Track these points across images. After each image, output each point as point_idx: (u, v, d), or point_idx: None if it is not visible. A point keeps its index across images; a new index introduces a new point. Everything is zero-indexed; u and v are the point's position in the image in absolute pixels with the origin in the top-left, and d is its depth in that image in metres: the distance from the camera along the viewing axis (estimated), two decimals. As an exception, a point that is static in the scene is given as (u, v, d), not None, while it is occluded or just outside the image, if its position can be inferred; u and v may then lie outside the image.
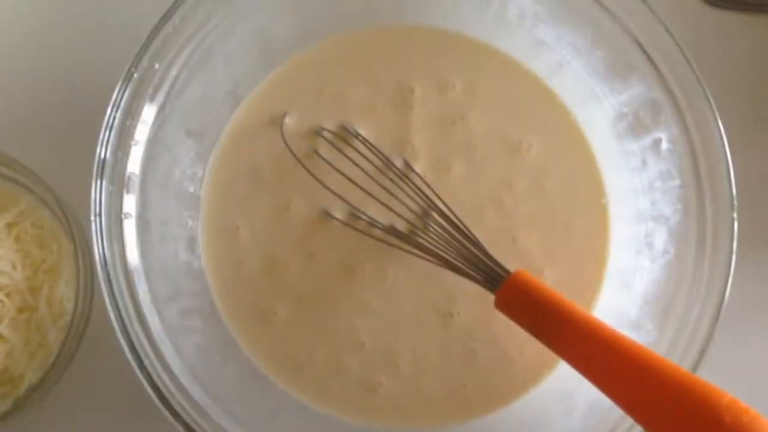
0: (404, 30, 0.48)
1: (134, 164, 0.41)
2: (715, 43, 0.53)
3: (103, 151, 0.40)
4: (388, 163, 0.47)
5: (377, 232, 0.46)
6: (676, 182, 0.44)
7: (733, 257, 0.41)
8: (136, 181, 0.41)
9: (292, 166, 0.47)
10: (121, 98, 0.41)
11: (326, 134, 0.47)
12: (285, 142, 0.47)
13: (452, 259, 0.43)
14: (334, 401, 0.45)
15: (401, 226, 0.46)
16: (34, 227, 0.47)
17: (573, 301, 0.39)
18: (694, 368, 0.40)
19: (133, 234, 0.41)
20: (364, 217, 0.46)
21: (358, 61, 0.48)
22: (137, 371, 0.38)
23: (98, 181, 0.40)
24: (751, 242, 0.44)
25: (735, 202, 0.41)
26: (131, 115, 0.41)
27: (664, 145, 0.44)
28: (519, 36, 0.48)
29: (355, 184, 0.46)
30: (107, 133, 0.40)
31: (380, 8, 0.48)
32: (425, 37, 0.48)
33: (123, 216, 0.41)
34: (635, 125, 0.46)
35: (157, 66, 0.42)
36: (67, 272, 0.46)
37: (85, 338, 0.46)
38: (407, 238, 0.45)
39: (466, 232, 0.44)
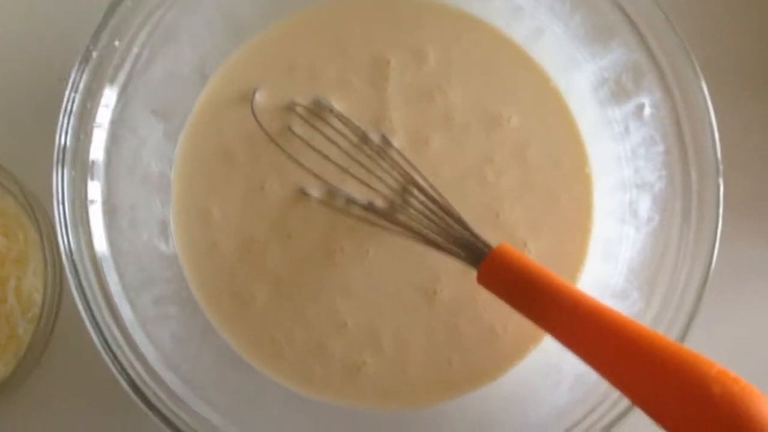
0: (376, 0, 0.46)
1: (98, 148, 0.40)
2: (696, 2, 0.51)
3: (64, 135, 0.38)
4: (364, 138, 0.45)
5: (356, 210, 0.45)
6: (660, 148, 0.43)
7: (719, 223, 0.40)
8: (100, 166, 0.40)
9: (264, 144, 0.45)
10: (80, 79, 0.39)
11: (300, 110, 0.46)
12: (256, 119, 0.45)
13: (434, 236, 0.42)
14: (317, 384, 0.44)
15: (380, 203, 0.45)
16: (-2, 216, 0.45)
17: (556, 274, 0.38)
18: (682, 338, 0.39)
19: (100, 221, 0.40)
20: (342, 195, 0.45)
21: (329, 34, 0.46)
22: (109, 363, 0.37)
23: (60, 168, 0.38)
24: (737, 207, 0.43)
25: (720, 167, 0.40)
26: (92, 96, 0.39)
27: (647, 111, 0.43)
28: (495, 2, 0.46)
29: (332, 161, 0.45)
30: (67, 117, 0.38)
31: (350, -23, 0.46)
32: (398, 6, 0.47)
33: (88, 202, 0.39)
34: (617, 91, 0.44)
35: (117, 44, 0.40)
36: (35, 262, 0.44)
37: (56, 328, 0.45)
38: (387, 216, 0.44)
39: (447, 207, 0.43)
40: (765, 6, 0.52)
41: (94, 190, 0.39)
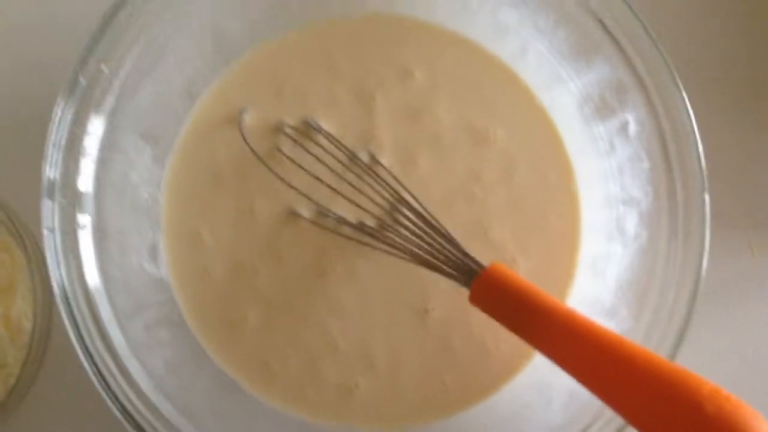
0: (362, 20, 0.47)
1: (86, 175, 0.39)
2: (679, 16, 0.52)
3: (52, 161, 0.38)
4: (353, 157, 0.45)
5: (346, 230, 0.45)
6: (645, 165, 0.43)
7: (707, 239, 0.40)
8: (89, 193, 0.39)
9: (254, 166, 0.45)
10: (67, 106, 0.39)
11: (288, 130, 0.46)
12: (245, 141, 0.45)
13: (424, 255, 0.42)
14: (311, 406, 0.44)
15: (371, 222, 0.45)
16: (-15, 242, 0.45)
17: (547, 293, 0.39)
18: (673, 355, 0.40)
19: (90, 248, 0.39)
20: (332, 215, 0.45)
21: (316, 54, 0.47)
22: (102, 392, 0.37)
23: (48, 198, 0.38)
24: (723, 220, 0.43)
25: (706, 183, 0.41)
26: (80, 123, 0.39)
27: (632, 128, 0.44)
28: (480, 20, 0.46)
29: (321, 181, 0.44)
30: (54, 146, 0.38)
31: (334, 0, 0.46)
32: (384, 25, 0.47)
33: (77, 229, 0.39)
34: (601, 107, 0.45)
35: (104, 68, 0.40)
36: (23, 287, 0.44)
37: (47, 355, 0.44)
38: (377, 235, 0.44)
39: (437, 225, 0.43)
40: (746, 19, 0.52)
41: (84, 217, 0.39)
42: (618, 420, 0.39)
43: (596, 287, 0.45)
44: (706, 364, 0.35)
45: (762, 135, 0.52)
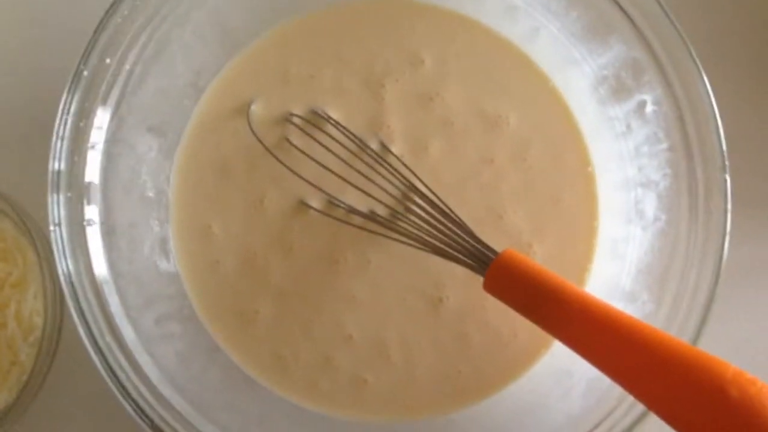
0: (369, 5, 0.46)
1: (93, 169, 0.39)
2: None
3: (58, 157, 0.38)
4: (363, 146, 0.45)
5: (357, 220, 0.44)
6: (664, 145, 0.42)
7: (728, 221, 0.39)
8: (96, 187, 0.39)
9: (262, 157, 0.44)
10: (72, 100, 0.38)
11: (296, 120, 0.45)
12: (253, 132, 0.45)
13: (437, 243, 0.42)
14: (324, 398, 0.43)
15: (382, 211, 0.44)
16: (-4, 240, 0.44)
17: (564, 278, 0.38)
18: (695, 339, 0.39)
19: (99, 241, 0.39)
20: (343, 205, 0.44)
21: (323, 42, 0.46)
22: (113, 387, 0.36)
23: (55, 193, 0.37)
24: (743, 202, 0.42)
25: (726, 163, 0.40)
26: (85, 117, 0.39)
27: (649, 108, 0.42)
28: (490, 2, 0.45)
29: (331, 170, 0.44)
30: (60, 140, 0.38)
31: (342, -16, 0.45)
32: (391, 10, 0.46)
33: (85, 224, 0.38)
34: (617, 88, 0.44)
35: (108, 61, 0.39)
36: (35, 285, 0.44)
37: (59, 352, 0.44)
38: (389, 224, 0.43)
39: (450, 213, 0.42)
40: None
41: (92, 211, 0.39)
42: (639, 406, 0.38)
43: (615, 271, 0.44)
44: (727, 347, 0.34)
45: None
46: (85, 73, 0.39)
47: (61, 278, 0.37)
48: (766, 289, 0.49)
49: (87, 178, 0.39)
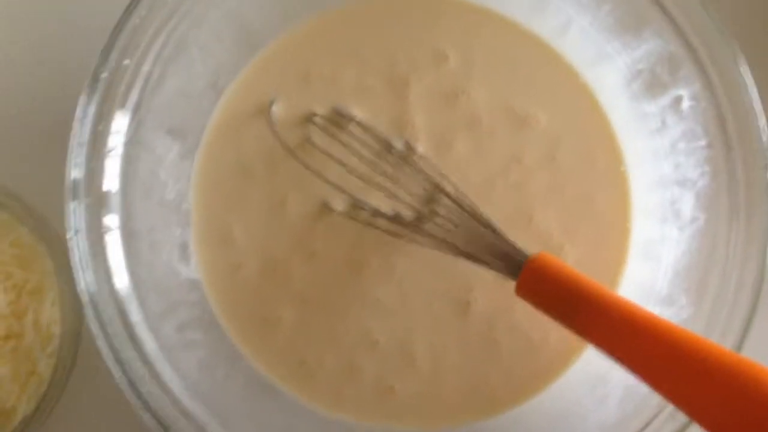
0: (390, 1, 0.45)
1: (112, 174, 0.38)
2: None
3: (76, 163, 0.37)
4: (387, 146, 0.44)
5: (382, 222, 0.43)
6: (701, 142, 0.41)
7: (772, 220, 0.37)
8: (115, 192, 0.38)
9: (284, 158, 0.43)
10: (91, 102, 0.37)
11: (318, 120, 0.44)
12: (274, 132, 0.44)
13: (465, 246, 0.40)
14: (350, 406, 0.42)
15: (407, 213, 0.43)
16: (13, 246, 0.43)
17: (599, 283, 0.36)
18: (739, 346, 0.37)
19: (118, 248, 0.38)
20: (367, 207, 0.43)
21: (344, 39, 0.45)
22: (133, 399, 0.35)
23: (73, 197, 0.36)
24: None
25: (769, 160, 0.38)
26: (104, 119, 0.38)
27: (686, 103, 0.41)
28: (518, -4, 0.44)
29: (354, 171, 0.43)
30: (78, 144, 0.37)
31: (363, -21, 0.44)
32: (414, 5, 0.45)
33: (104, 230, 0.37)
34: (652, 83, 0.42)
35: (126, 63, 0.38)
36: (52, 293, 0.43)
37: (77, 361, 0.43)
38: (414, 227, 0.42)
39: (478, 214, 0.41)
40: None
41: (111, 217, 0.38)
42: (680, 416, 0.37)
43: (650, 274, 0.42)
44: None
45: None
46: (104, 75, 0.37)
47: (81, 287, 0.36)
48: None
49: (106, 184, 0.38)
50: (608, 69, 0.44)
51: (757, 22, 0.48)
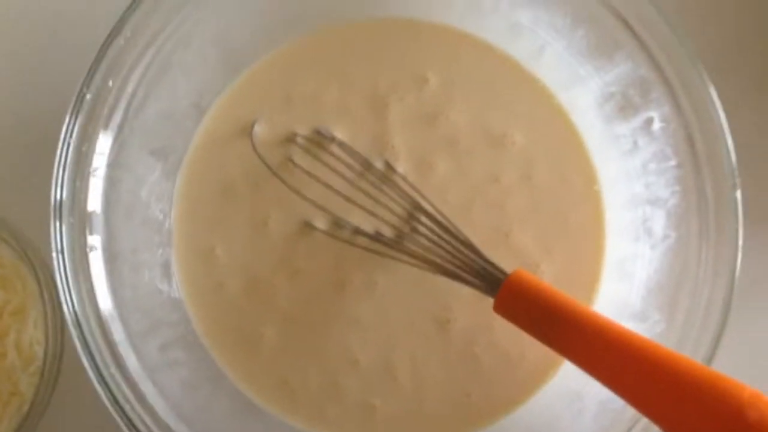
0: (371, 24, 0.46)
1: (95, 193, 0.38)
2: (702, 7, 0.50)
3: (60, 182, 0.37)
4: (368, 165, 0.44)
5: (363, 241, 0.44)
6: (672, 162, 0.42)
7: (740, 240, 0.39)
8: (98, 213, 0.38)
9: (266, 178, 0.44)
10: (75, 123, 0.38)
11: (300, 140, 0.45)
12: (256, 153, 0.44)
13: (444, 264, 0.41)
14: (333, 424, 0.43)
15: (388, 232, 0.43)
16: (-5, 267, 0.44)
17: (575, 299, 0.37)
18: (709, 359, 0.38)
19: (101, 268, 0.38)
20: (348, 226, 0.44)
21: (326, 61, 0.45)
22: (117, 419, 0.35)
23: (57, 220, 0.37)
24: (755, 216, 0.41)
25: (737, 180, 0.39)
26: (87, 140, 0.38)
27: (657, 125, 0.42)
28: (494, 20, 0.45)
29: (336, 191, 0.43)
30: (61, 166, 0.37)
31: (343, 4, 0.45)
32: (394, 29, 0.46)
33: (88, 249, 0.38)
34: (624, 105, 0.43)
35: (110, 84, 0.39)
36: (35, 313, 0.43)
37: (59, 381, 0.43)
38: (395, 245, 0.43)
39: (457, 233, 0.42)
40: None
41: (94, 237, 0.38)
42: (654, 429, 0.37)
43: (624, 290, 0.43)
44: (741, 365, 0.34)
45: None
46: (88, 96, 0.38)
47: (64, 307, 0.36)
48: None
49: (90, 205, 0.38)
50: (582, 91, 0.45)
51: (724, 45, 0.50)
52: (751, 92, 0.50)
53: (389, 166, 0.45)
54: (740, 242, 0.39)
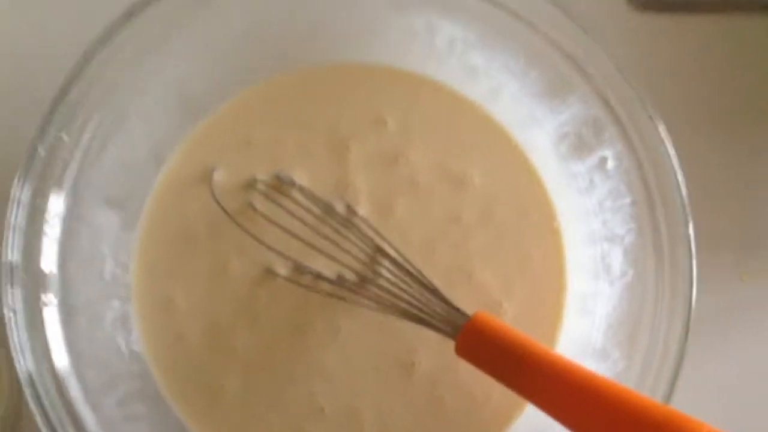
0: (330, 70, 0.46)
1: (50, 251, 0.38)
2: (649, 48, 0.52)
3: (12, 243, 0.36)
4: (329, 209, 0.44)
5: (325, 286, 0.44)
6: (627, 200, 0.42)
7: (694, 275, 0.39)
8: (54, 268, 0.38)
9: (227, 225, 0.44)
10: (27, 181, 0.37)
11: (261, 186, 0.45)
12: (215, 200, 0.44)
13: (407, 307, 0.41)
14: (299, 475, 0.42)
15: (350, 276, 0.43)
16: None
17: (535, 340, 0.37)
18: (669, 394, 0.38)
19: (57, 324, 0.38)
20: (310, 271, 0.44)
21: (285, 107, 0.46)
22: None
23: (8, 279, 0.36)
24: (710, 248, 0.42)
25: (689, 217, 0.40)
26: (41, 197, 0.37)
27: (611, 163, 0.43)
28: (450, 64, 0.46)
29: (297, 236, 0.43)
30: (13, 223, 0.36)
31: (301, 51, 0.45)
32: (353, 74, 0.46)
33: (42, 306, 0.37)
34: (579, 145, 0.44)
35: (65, 137, 0.39)
36: (-11, 372, 0.42)
37: (18, 439, 0.42)
38: (358, 289, 0.43)
39: (419, 276, 0.42)
40: (710, 41, 0.52)
41: (49, 295, 0.38)
42: (618, 470, 0.37)
43: (586, 328, 0.44)
44: (698, 393, 0.34)
45: (745, 159, 0.51)
46: (40, 152, 0.38)
47: (18, 367, 0.35)
48: (734, 332, 0.49)
49: (43, 264, 0.37)
50: (538, 131, 0.46)
51: (672, 84, 0.51)
52: (705, 126, 0.51)
53: (350, 209, 0.45)
54: (694, 279, 0.39)
